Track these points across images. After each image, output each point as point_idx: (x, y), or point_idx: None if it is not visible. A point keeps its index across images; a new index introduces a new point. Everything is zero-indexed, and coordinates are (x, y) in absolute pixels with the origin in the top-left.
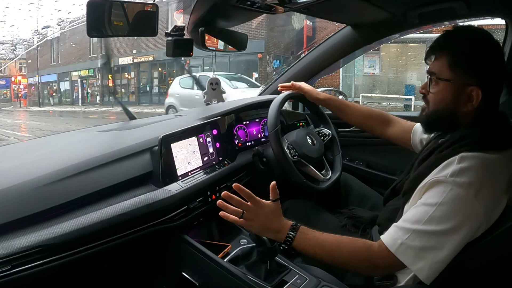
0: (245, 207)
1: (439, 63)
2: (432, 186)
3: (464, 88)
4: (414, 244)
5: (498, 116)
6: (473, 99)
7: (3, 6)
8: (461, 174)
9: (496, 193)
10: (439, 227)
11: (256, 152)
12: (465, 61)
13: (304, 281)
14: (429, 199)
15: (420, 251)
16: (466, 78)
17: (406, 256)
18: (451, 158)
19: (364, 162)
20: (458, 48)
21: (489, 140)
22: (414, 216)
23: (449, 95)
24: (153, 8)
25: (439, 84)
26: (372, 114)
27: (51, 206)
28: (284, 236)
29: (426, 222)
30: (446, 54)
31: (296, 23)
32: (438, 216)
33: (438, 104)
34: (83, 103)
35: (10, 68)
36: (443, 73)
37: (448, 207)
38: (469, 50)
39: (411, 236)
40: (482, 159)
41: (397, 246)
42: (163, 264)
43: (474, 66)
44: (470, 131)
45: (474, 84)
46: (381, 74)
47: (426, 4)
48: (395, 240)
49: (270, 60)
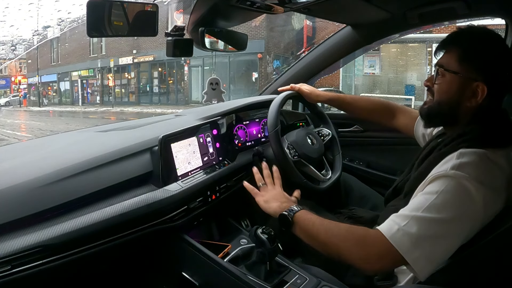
0: (265, 182)
1: (449, 56)
2: (433, 180)
3: (470, 83)
4: (412, 231)
5: (498, 114)
6: (478, 95)
7: (3, 6)
8: (461, 168)
9: (494, 189)
10: (439, 215)
11: (256, 152)
12: (474, 56)
13: (304, 281)
14: (429, 189)
15: (418, 239)
16: (473, 73)
17: (402, 243)
18: (450, 155)
19: (364, 162)
20: (469, 43)
21: (488, 137)
22: (414, 204)
23: (454, 88)
24: (153, 8)
25: (446, 76)
26: (376, 107)
27: (51, 206)
28: (288, 206)
29: (426, 209)
30: (456, 48)
31: (296, 23)
32: (439, 204)
33: (442, 95)
34: (83, 103)
35: (10, 68)
36: (451, 66)
37: (449, 196)
38: (480, 46)
39: (409, 223)
40: (481, 155)
41: (394, 232)
42: (163, 264)
43: (482, 63)
44: (469, 129)
45: (481, 80)
46: (381, 74)
47: (426, 4)
48: (392, 226)
49: (270, 60)
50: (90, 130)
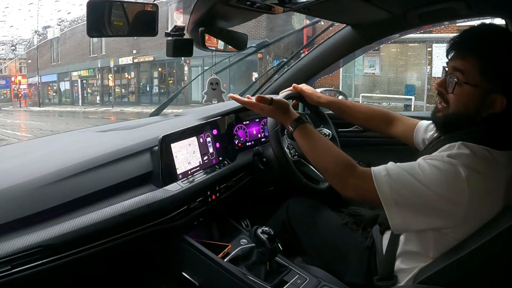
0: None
1: (468, 65)
2: (430, 159)
3: (489, 95)
4: (395, 184)
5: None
6: (497, 107)
7: (3, 6)
8: (457, 157)
9: (491, 188)
10: (424, 186)
11: (256, 152)
12: (495, 68)
13: (304, 281)
14: (426, 162)
15: (398, 191)
16: (494, 86)
17: (382, 184)
18: (452, 143)
19: (364, 162)
20: (491, 54)
21: (493, 138)
22: (410, 164)
23: (474, 100)
24: (153, 8)
25: (463, 87)
26: (375, 114)
27: (51, 206)
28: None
29: (416, 175)
30: (477, 58)
31: (296, 23)
32: (429, 177)
33: (461, 107)
34: (83, 103)
35: (10, 68)
36: (472, 77)
37: (441, 174)
38: (499, 56)
39: (397, 176)
40: (482, 151)
41: (381, 175)
42: (163, 264)
43: (503, 74)
44: (474, 128)
45: (500, 92)
46: (381, 74)
47: (426, 4)
48: (381, 170)
49: (270, 60)
50: (90, 130)
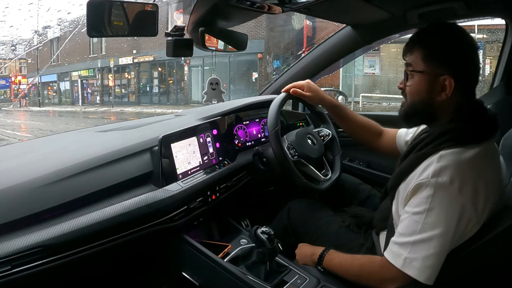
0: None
1: (414, 57)
2: (417, 190)
3: (437, 78)
4: (417, 256)
5: (475, 108)
6: (446, 88)
7: (3, 6)
8: (442, 173)
9: (482, 185)
10: (434, 232)
11: (256, 152)
12: (436, 52)
13: (304, 281)
14: (416, 208)
15: (424, 260)
16: (438, 68)
17: (412, 269)
18: (431, 158)
19: (364, 162)
20: (430, 40)
21: (468, 134)
22: (408, 228)
23: (424, 86)
24: (153, 8)
25: (414, 77)
26: (371, 125)
27: (51, 206)
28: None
29: (421, 230)
30: (419, 47)
31: (296, 23)
32: (430, 222)
33: (414, 96)
34: (83, 103)
35: (10, 68)
36: (417, 65)
37: (437, 211)
38: (440, 41)
39: (413, 249)
40: (462, 155)
41: (402, 261)
42: (163, 264)
43: (445, 57)
44: (448, 127)
45: (446, 74)
46: (381, 74)
47: (426, 4)
48: (399, 256)
49: (270, 60)
50: (90, 130)
